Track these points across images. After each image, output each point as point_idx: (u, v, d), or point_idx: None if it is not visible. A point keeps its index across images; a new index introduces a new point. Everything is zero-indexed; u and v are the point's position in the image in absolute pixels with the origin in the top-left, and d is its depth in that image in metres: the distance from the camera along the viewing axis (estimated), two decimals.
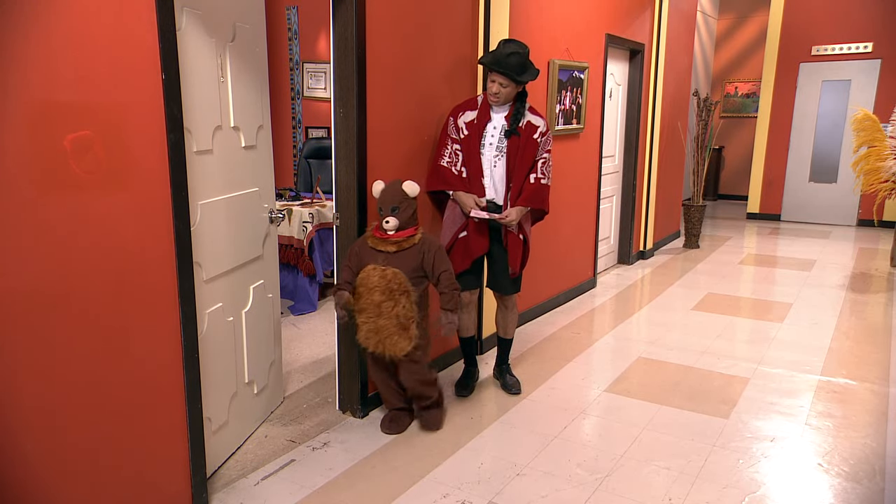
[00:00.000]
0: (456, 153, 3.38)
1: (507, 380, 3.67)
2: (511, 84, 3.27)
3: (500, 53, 3.25)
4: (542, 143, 3.39)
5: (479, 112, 3.38)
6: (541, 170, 3.38)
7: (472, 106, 3.42)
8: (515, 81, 3.26)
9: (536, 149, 3.37)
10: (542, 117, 3.44)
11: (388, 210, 2.94)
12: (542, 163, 3.39)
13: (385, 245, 2.95)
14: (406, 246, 2.96)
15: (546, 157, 3.40)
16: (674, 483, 2.77)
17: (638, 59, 6.37)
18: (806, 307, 5.27)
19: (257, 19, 3.02)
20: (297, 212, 4.82)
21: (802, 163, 9.42)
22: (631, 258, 6.75)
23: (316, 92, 6.83)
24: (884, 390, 3.71)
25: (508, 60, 3.22)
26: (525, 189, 3.36)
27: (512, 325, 3.67)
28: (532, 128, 3.36)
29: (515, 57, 3.22)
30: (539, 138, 3.37)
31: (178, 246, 2.29)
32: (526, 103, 3.40)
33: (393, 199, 2.94)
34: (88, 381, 2.06)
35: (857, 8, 8.78)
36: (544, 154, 3.40)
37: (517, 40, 3.32)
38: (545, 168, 3.39)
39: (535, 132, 3.36)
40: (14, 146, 1.79)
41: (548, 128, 3.43)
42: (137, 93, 2.10)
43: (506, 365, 3.73)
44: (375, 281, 2.88)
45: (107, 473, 2.15)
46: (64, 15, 1.88)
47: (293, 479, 2.77)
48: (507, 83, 3.26)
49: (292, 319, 4.77)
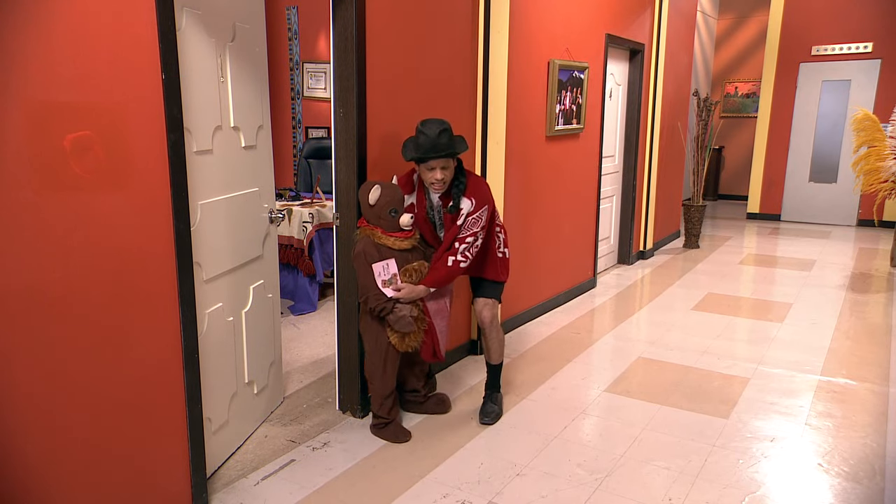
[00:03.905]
0: None
1: (484, 407, 3.33)
2: (451, 163, 2.97)
3: (429, 138, 2.88)
4: (465, 227, 3.01)
5: (417, 198, 3.12)
6: (460, 250, 2.99)
7: (408, 189, 3.13)
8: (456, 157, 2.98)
9: (456, 233, 3.01)
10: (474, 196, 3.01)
11: (402, 208, 2.99)
12: (465, 245, 2.99)
13: (404, 242, 2.99)
14: (418, 238, 3.08)
15: (469, 241, 2.99)
16: (674, 483, 2.77)
17: (638, 59, 6.37)
18: (806, 307, 5.27)
19: (257, 19, 3.02)
20: (297, 212, 4.82)
21: (802, 163, 9.42)
22: (631, 258, 6.75)
23: (316, 92, 6.83)
24: (884, 390, 3.71)
25: (441, 141, 2.88)
26: (434, 268, 3.02)
27: (494, 349, 3.31)
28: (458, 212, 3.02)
29: (446, 134, 2.90)
30: (461, 221, 3.01)
31: (178, 246, 2.29)
32: (464, 175, 3.04)
33: (402, 199, 3.01)
34: (88, 381, 2.06)
35: (857, 8, 8.78)
36: (467, 238, 2.99)
37: (435, 119, 2.96)
38: (466, 250, 2.99)
39: (459, 217, 3.02)
40: (14, 146, 1.79)
41: (481, 206, 3.01)
42: (137, 93, 2.10)
43: (490, 391, 3.38)
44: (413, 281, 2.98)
45: (107, 473, 2.15)
46: (64, 15, 1.88)
47: (293, 479, 2.77)
48: (448, 164, 2.95)
49: (292, 319, 4.77)
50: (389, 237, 2.97)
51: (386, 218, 2.94)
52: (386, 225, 2.95)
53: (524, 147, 4.51)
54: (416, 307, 3.00)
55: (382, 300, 2.92)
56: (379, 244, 2.96)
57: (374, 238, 2.97)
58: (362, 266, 2.93)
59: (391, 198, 2.94)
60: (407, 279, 2.97)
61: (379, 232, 2.96)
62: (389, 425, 3.12)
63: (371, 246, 2.95)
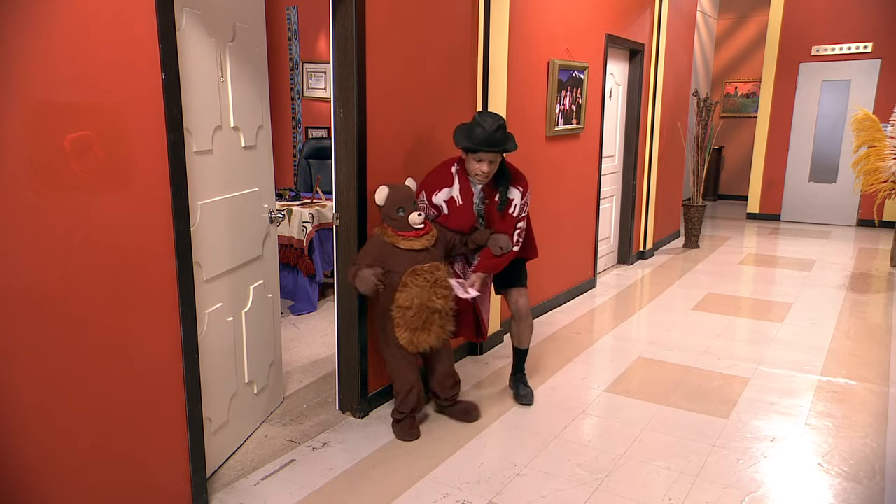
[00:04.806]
0: None
1: (519, 390, 3.56)
2: (500, 157, 3.08)
3: (486, 131, 2.97)
4: (518, 214, 3.22)
5: (462, 189, 3.16)
6: (515, 238, 3.24)
7: (447, 183, 3.17)
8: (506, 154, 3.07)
9: (513, 223, 3.21)
10: (519, 185, 3.20)
11: (411, 206, 3.00)
12: (518, 232, 3.25)
13: (414, 243, 2.99)
14: (432, 241, 3.06)
15: (521, 227, 3.25)
16: (674, 483, 2.77)
17: (638, 59, 6.37)
18: (806, 307, 5.27)
19: (257, 19, 3.02)
20: (297, 212, 4.82)
21: (802, 163, 9.42)
22: (631, 258, 6.75)
23: (316, 92, 6.83)
24: (884, 390, 3.71)
25: (496, 136, 2.98)
26: (493, 257, 3.19)
27: (525, 335, 3.54)
28: (508, 203, 3.18)
29: (502, 131, 3.00)
30: (514, 211, 3.20)
31: (178, 246, 2.29)
32: (507, 171, 3.17)
33: (409, 197, 3.02)
34: (88, 381, 2.06)
35: (856, 8, 8.78)
36: (519, 224, 3.24)
37: (490, 112, 3.08)
38: (519, 236, 3.26)
39: (510, 207, 3.18)
40: (14, 146, 1.79)
41: (525, 193, 3.22)
42: (137, 93, 2.10)
43: (520, 374, 3.62)
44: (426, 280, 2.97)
45: (107, 473, 2.15)
46: (64, 15, 1.88)
47: (293, 479, 2.77)
48: (497, 159, 3.05)
49: (292, 319, 4.78)
50: (399, 236, 2.99)
51: (395, 217, 2.99)
52: (396, 224, 3.00)
53: (524, 147, 4.50)
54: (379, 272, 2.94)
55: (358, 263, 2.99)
56: (388, 242, 3.00)
57: (384, 237, 3.01)
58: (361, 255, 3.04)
59: (397, 196, 2.99)
60: (416, 281, 2.96)
61: (390, 231, 3.02)
62: (402, 421, 3.13)
63: (375, 246, 3.01)
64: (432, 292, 2.98)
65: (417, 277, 2.96)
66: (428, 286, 2.97)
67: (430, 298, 2.97)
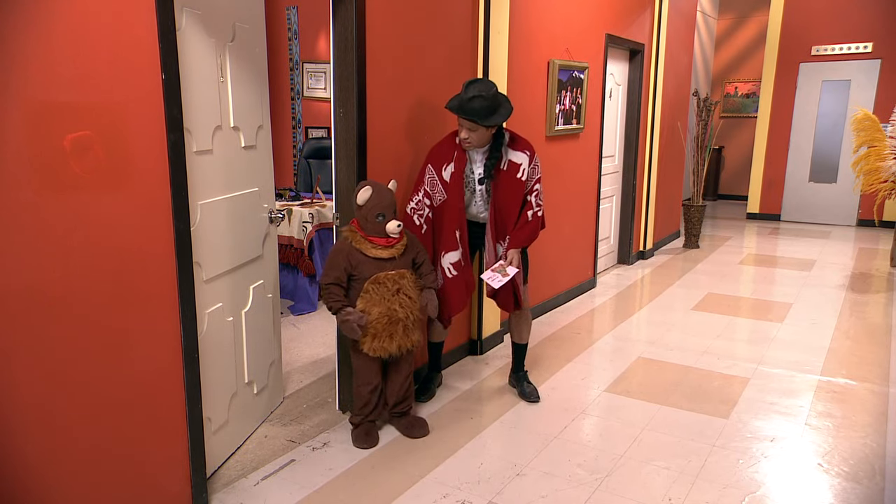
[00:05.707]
0: (423, 203, 3.23)
1: (524, 388, 3.55)
2: (480, 128, 3.07)
3: (461, 98, 3.02)
4: (529, 178, 3.23)
5: (456, 161, 3.17)
6: (535, 203, 3.25)
7: (449, 156, 3.20)
8: (484, 126, 3.06)
9: (524, 187, 3.22)
10: (525, 149, 3.23)
11: (391, 213, 2.88)
12: (535, 195, 3.26)
13: (382, 252, 2.88)
14: (401, 251, 2.94)
15: (537, 189, 3.26)
16: (674, 483, 2.77)
17: (638, 59, 6.37)
18: (806, 307, 5.27)
19: (257, 19, 3.02)
20: (297, 212, 4.82)
21: (802, 163, 9.42)
22: (631, 258, 6.75)
23: (316, 92, 6.83)
24: (884, 390, 3.71)
25: (472, 105, 2.98)
26: (520, 228, 3.22)
27: (525, 330, 3.55)
28: (514, 167, 3.18)
29: (479, 100, 2.97)
30: (523, 176, 3.20)
31: (178, 246, 2.29)
32: (504, 140, 3.19)
33: (392, 204, 2.88)
34: (88, 381, 2.06)
35: (856, 8, 8.78)
36: (535, 187, 3.25)
37: (482, 80, 3.08)
38: (538, 199, 3.26)
39: (517, 171, 3.18)
40: (14, 146, 1.79)
41: (533, 157, 3.24)
42: (137, 93, 2.10)
43: (522, 372, 3.61)
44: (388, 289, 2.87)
45: (106, 473, 2.15)
46: (64, 15, 1.88)
47: (293, 479, 2.77)
48: (475, 127, 3.06)
49: (292, 319, 4.78)
50: (368, 242, 2.88)
51: (372, 221, 2.86)
52: (370, 229, 2.88)
53: None
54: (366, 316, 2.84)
55: (331, 300, 2.88)
56: (356, 248, 2.88)
57: (353, 242, 2.89)
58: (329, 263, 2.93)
59: (380, 201, 2.85)
60: (378, 289, 2.86)
61: (359, 235, 2.89)
62: (359, 427, 3.05)
63: (344, 254, 2.88)
64: (395, 301, 2.87)
65: (379, 286, 2.86)
66: (390, 295, 2.86)
67: (390, 308, 2.87)
